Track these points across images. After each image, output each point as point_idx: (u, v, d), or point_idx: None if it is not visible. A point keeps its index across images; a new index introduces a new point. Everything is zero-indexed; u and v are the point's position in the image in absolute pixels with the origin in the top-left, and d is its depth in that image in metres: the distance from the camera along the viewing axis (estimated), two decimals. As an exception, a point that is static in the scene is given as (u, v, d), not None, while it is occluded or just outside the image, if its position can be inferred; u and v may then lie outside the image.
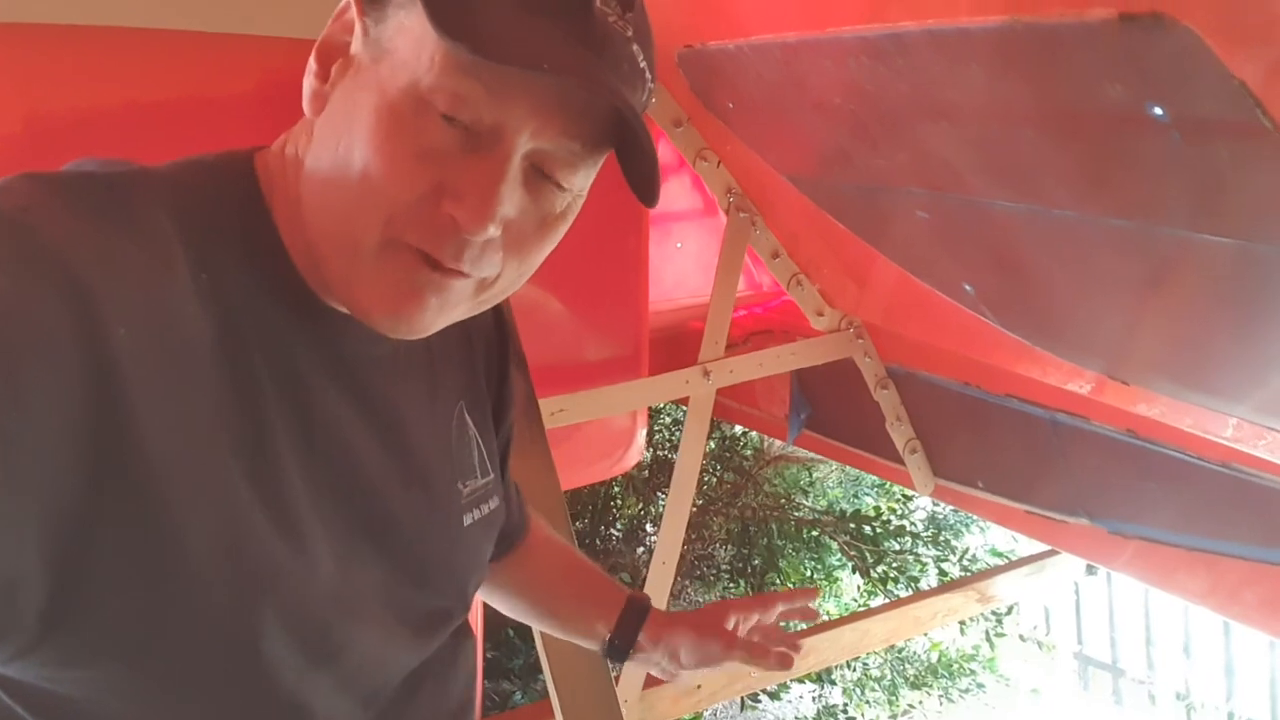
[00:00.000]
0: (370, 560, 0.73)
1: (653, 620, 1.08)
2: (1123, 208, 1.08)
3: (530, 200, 0.65)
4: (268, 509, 0.63)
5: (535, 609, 1.12)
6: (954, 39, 1.04)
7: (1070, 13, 0.85)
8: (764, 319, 2.57)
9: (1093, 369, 1.54)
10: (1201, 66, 0.78)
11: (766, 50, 1.44)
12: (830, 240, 2.06)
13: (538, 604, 1.12)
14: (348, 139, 0.62)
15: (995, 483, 2.24)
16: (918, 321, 2.05)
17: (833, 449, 2.70)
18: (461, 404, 0.85)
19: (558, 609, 1.13)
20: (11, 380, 0.50)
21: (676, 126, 1.93)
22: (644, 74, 0.66)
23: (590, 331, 2.01)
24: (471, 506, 0.84)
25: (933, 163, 1.34)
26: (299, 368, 0.68)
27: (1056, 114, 1.02)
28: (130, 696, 0.60)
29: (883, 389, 2.31)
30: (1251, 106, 0.78)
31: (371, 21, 0.63)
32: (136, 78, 1.46)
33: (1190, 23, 0.75)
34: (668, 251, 2.29)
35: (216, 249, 0.64)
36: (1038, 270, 1.39)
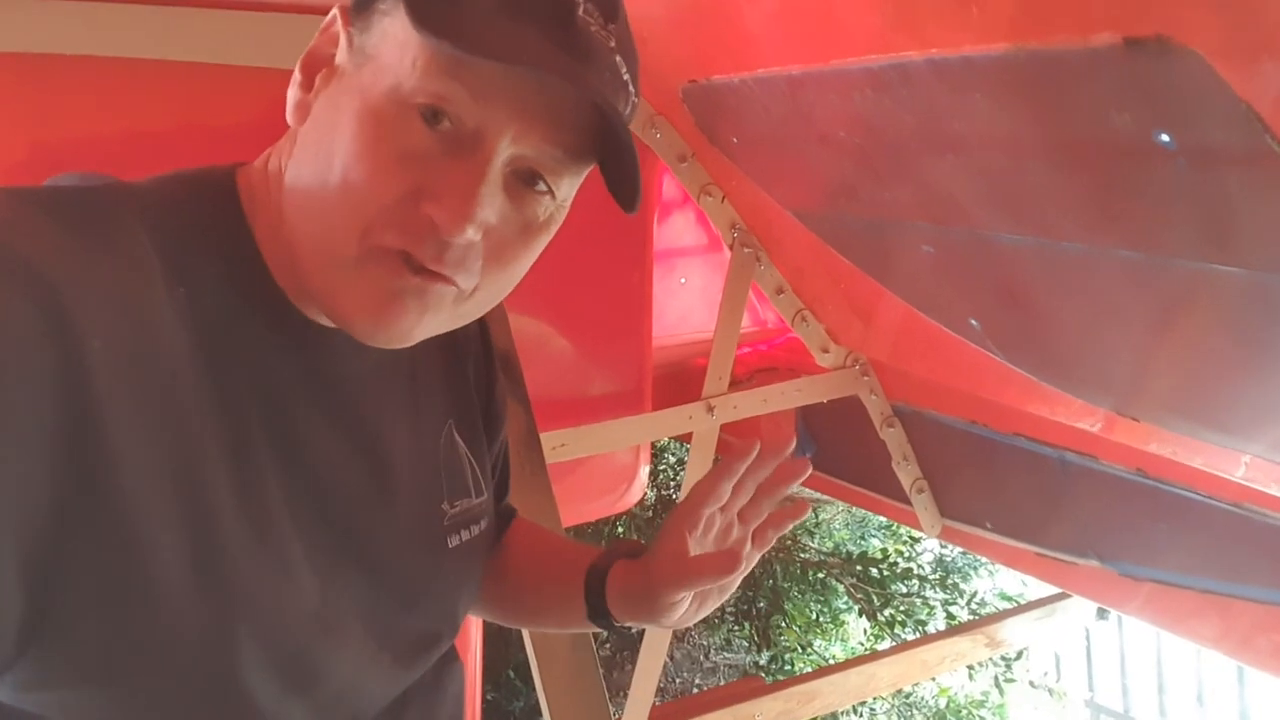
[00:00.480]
0: (353, 581, 0.72)
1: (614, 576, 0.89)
2: (1131, 239, 1.06)
3: (512, 207, 0.64)
4: (247, 528, 0.62)
5: (521, 607, 1.02)
6: (957, 68, 1.03)
7: (1074, 39, 0.84)
8: (769, 356, 2.56)
9: (1102, 406, 1.52)
10: (1208, 91, 0.77)
11: (771, 83, 1.44)
12: (835, 276, 2.04)
13: (522, 602, 1.01)
14: (329, 143, 0.62)
15: (1003, 523, 2.21)
16: (924, 358, 2.03)
17: (838, 488, 2.67)
18: (450, 422, 0.84)
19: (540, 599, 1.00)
20: None
21: (681, 162, 1.93)
22: (627, 86, 0.67)
23: (593, 366, 2.00)
24: (459, 527, 0.83)
25: (938, 195, 1.33)
26: (279, 384, 0.67)
27: (1062, 143, 1.01)
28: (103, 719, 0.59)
29: (889, 427, 2.28)
30: (1260, 132, 0.76)
31: (356, 31, 0.64)
32: (140, 108, 1.46)
33: (1196, 46, 0.74)
34: (671, 287, 2.29)
35: (194, 263, 0.63)
36: (1045, 304, 1.37)
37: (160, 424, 0.57)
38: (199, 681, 0.60)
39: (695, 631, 4.34)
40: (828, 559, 4.39)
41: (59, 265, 0.55)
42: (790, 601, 4.35)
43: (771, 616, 4.28)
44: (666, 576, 0.81)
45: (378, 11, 0.63)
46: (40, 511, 0.52)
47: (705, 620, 4.40)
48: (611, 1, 0.65)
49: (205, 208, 0.67)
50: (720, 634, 4.31)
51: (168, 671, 0.59)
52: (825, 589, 4.49)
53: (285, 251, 0.67)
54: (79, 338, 0.54)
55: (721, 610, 4.36)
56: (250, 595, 0.62)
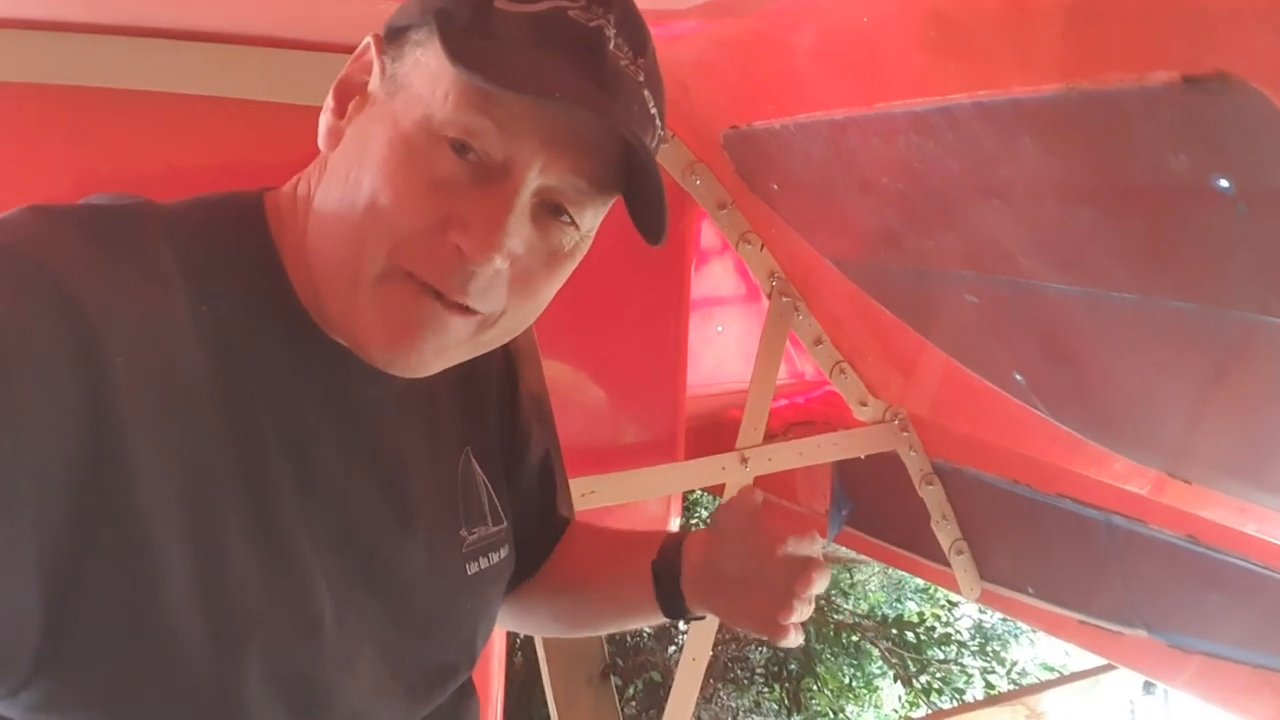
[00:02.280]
0: (369, 607, 0.71)
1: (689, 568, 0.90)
2: (1185, 289, 1.02)
3: (538, 237, 0.66)
4: (260, 549, 0.62)
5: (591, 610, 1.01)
6: (1005, 110, 1.01)
7: (1130, 77, 0.81)
8: (806, 409, 2.51)
9: (1152, 466, 1.46)
10: (1271, 132, 0.73)
11: (813, 128, 1.42)
12: (875, 328, 2.01)
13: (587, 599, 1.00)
14: (359, 169, 0.63)
15: (1046, 589, 2.13)
16: (966, 414, 1.99)
17: (875, 548, 2.60)
18: (468, 449, 0.84)
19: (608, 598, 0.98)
20: (11, 407, 0.50)
21: (720, 209, 1.91)
22: (654, 119, 0.68)
23: (625, 413, 1.97)
24: (477, 555, 0.82)
25: (983, 243, 1.30)
26: (299, 405, 0.67)
27: (1114, 188, 0.97)
28: None
29: (928, 485, 2.22)
30: (1328, 174, 0.73)
31: (389, 59, 0.66)
32: (185, 142, 1.48)
33: (1260, 84, 0.71)
34: (708, 335, 2.26)
35: (218, 283, 0.65)
36: (1093, 358, 1.32)
37: (177, 444, 0.58)
38: (204, 705, 0.60)
39: (724, 693, 4.24)
40: (862, 621, 4.29)
41: (87, 282, 0.56)
42: (823, 664, 4.24)
43: (803, 679, 4.18)
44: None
45: (411, 41, 0.64)
46: (60, 531, 0.52)
47: (734, 681, 4.30)
48: (641, 36, 0.67)
49: (232, 229, 0.69)
50: (750, 695, 4.21)
51: (174, 695, 0.58)
52: (859, 652, 4.38)
53: (309, 274, 0.67)
54: (103, 356, 0.54)
55: (751, 670, 4.26)
56: (259, 619, 0.62)
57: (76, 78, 1.36)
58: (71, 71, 1.36)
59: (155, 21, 1.36)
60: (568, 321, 1.85)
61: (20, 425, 0.50)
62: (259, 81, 1.46)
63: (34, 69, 1.33)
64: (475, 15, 0.62)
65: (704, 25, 1.23)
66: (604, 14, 0.64)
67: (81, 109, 1.39)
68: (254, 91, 1.47)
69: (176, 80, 1.43)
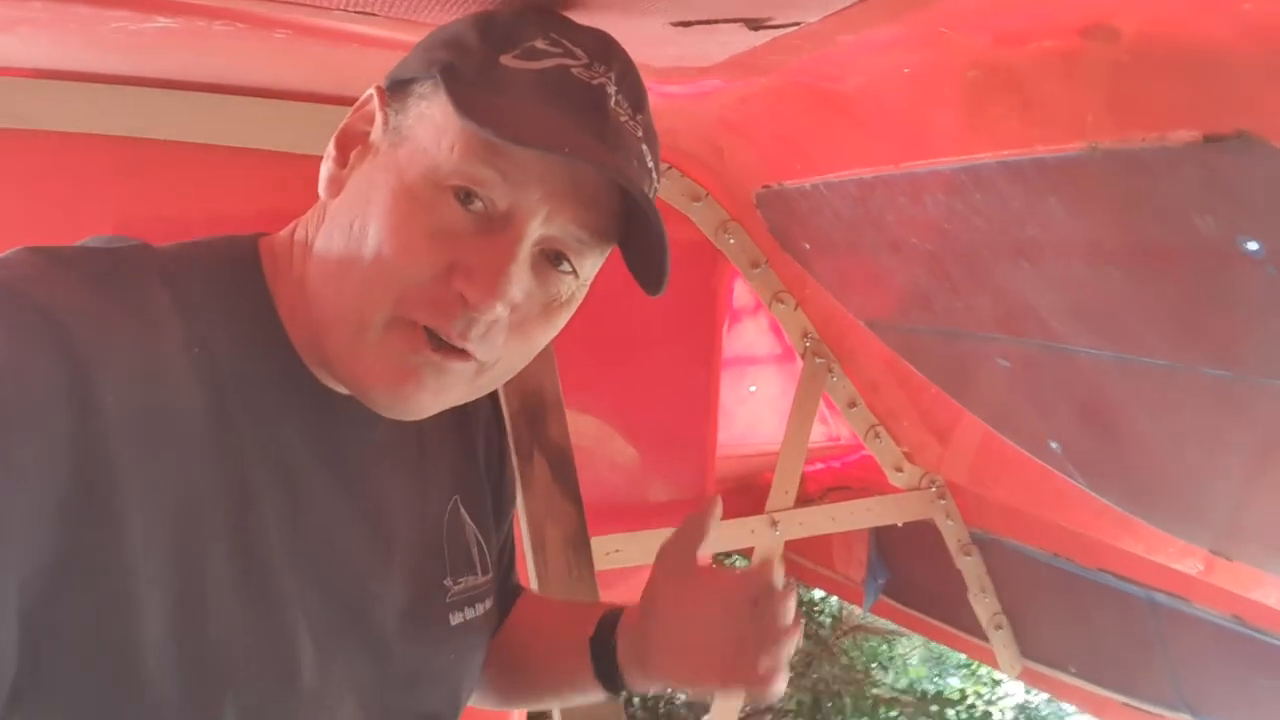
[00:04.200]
0: (352, 656, 0.70)
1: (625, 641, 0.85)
2: (1220, 356, 0.98)
3: (537, 285, 0.67)
4: (243, 594, 0.61)
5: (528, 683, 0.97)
6: (1030, 170, 0.99)
7: (1152, 136, 0.79)
8: (841, 474, 2.47)
9: (1195, 543, 1.40)
10: (1298, 192, 0.71)
11: (842, 188, 1.41)
12: (911, 391, 1.97)
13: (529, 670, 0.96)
14: (362, 219, 0.64)
15: (1089, 668, 2.04)
16: (1005, 483, 1.93)
17: (912, 619, 2.52)
18: (457, 498, 0.83)
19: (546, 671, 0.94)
20: (2, 448, 0.50)
21: (754, 268, 1.90)
22: (651, 173, 0.70)
23: (654, 470, 1.95)
24: (462, 605, 0.81)
25: (1014, 305, 1.27)
26: (288, 447, 0.67)
27: (1142, 249, 0.95)
28: None
29: (966, 555, 2.16)
30: (1358, 237, 0.70)
31: (393, 111, 0.67)
32: (224, 192, 1.51)
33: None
34: (741, 394, 2.24)
35: (212, 325, 0.65)
36: (1130, 426, 1.28)
37: (166, 486, 0.58)
38: None
39: (757, 764, 4.12)
40: (900, 695, 4.15)
41: (81, 323, 0.56)
42: (859, 739, 4.12)
43: (838, 755, 4.05)
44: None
45: (415, 94, 0.66)
46: (44, 569, 0.52)
47: (769, 752, 4.18)
48: (638, 93, 0.70)
49: (227, 273, 0.69)
50: (783, 768, 4.09)
51: None
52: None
53: (305, 318, 0.68)
54: (96, 397, 0.54)
55: (785, 742, 4.14)
56: (238, 668, 0.61)
57: (121, 128, 1.40)
58: (116, 122, 1.40)
59: (198, 76, 1.39)
60: (598, 376, 1.85)
61: (10, 467, 0.50)
62: (299, 134, 1.49)
63: (80, 119, 1.38)
64: (481, 70, 0.64)
65: (729, 83, 1.23)
66: (605, 72, 0.67)
67: (125, 158, 1.43)
68: (294, 144, 1.50)
69: (218, 132, 1.46)
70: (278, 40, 1.01)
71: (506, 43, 0.65)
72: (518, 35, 0.66)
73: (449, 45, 0.66)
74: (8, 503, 0.50)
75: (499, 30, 0.66)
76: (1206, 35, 0.70)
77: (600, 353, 1.80)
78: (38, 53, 1.23)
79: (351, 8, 0.84)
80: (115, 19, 0.92)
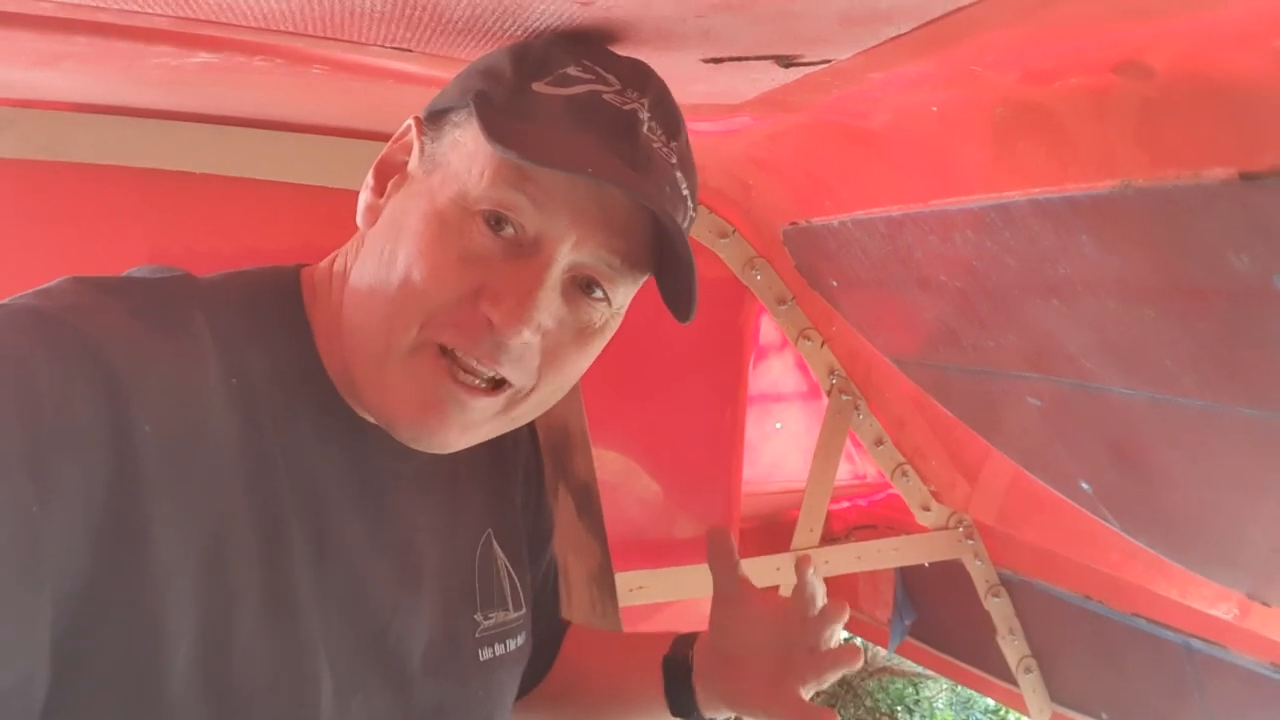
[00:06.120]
0: (376, 691, 0.70)
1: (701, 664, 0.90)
2: (1256, 396, 0.97)
3: (569, 312, 0.66)
4: (270, 626, 0.61)
5: (586, 711, 0.99)
6: (1061, 208, 0.98)
7: (1186, 174, 0.78)
8: (868, 513, 2.44)
9: (1233, 587, 1.37)
10: (1337, 230, 0.70)
11: (870, 225, 1.41)
12: (939, 430, 1.95)
13: (589, 704, 0.99)
14: (393, 244, 0.65)
15: (1122, 715, 2.00)
16: (1035, 524, 1.91)
17: (938, 661, 2.48)
18: (490, 532, 0.83)
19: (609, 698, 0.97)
20: (42, 472, 0.51)
21: (780, 304, 1.90)
22: (685, 200, 0.69)
23: (679, 506, 1.94)
24: (493, 640, 0.80)
25: (1045, 344, 1.25)
26: (320, 478, 0.67)
27: (1176, 288, 0.93)
28: None
29: (994, 597, 2.13)
30: (1399, 275, 0.69)
31: (429, 140, 0.68)
32: (257, 225, 1.53)
33: (1321, 180, 0.68)
34: (767, 431, 2.22)
35: (250, 355, 0.65)
36: (1163, 467, 1.26)
37: (199, 514, 0.58)
38: None
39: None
40: (927, 740, 4.07)
41: (119, 350, 0.57)
42: (885, 785, 4.04)
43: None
44: None
45: (450, 122, 0.67)
46: (77, 593, 0.52)
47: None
48: (674, 120, 0.69)
49: (267, 303, 0.70)
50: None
51: None
52: (924, 774, 4.15)
53: (339, 348, 0.69)
54: (133, 424, 0.55)
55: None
56: (258, 697, 0.60)
57: (157, 161, 1.43)
58: (152, 155, 1.42)
59: (235, 110, 1.42)
60: (622, 411, 1.84)
61: (50, 491, 0.51)
62: (332, 169, 1.51)
63: (118, 152, 1.40)
64: (513, 97, 0.64)
65: (758, 120, 1.24)
66: (638, 98, 0.66)
67: (160, 191, 1.45)
68: (327, 179, 1.52)
69: (253, 166, 1.48)
70: (315, 75, 1.03)
71: (540, 70, 0.65)
72: (551, 63, 0.66)
73: (484, 74, 0.67)
74: (46, 525, 0.50)
75: (533, 58, 0.67)
76: (1240, 71, 0.69)
77: (626, 388, 1.80)
78: (78, 87, 1.25)
79: (388, 43, 0.85)
80: (157, 54, 0.94)
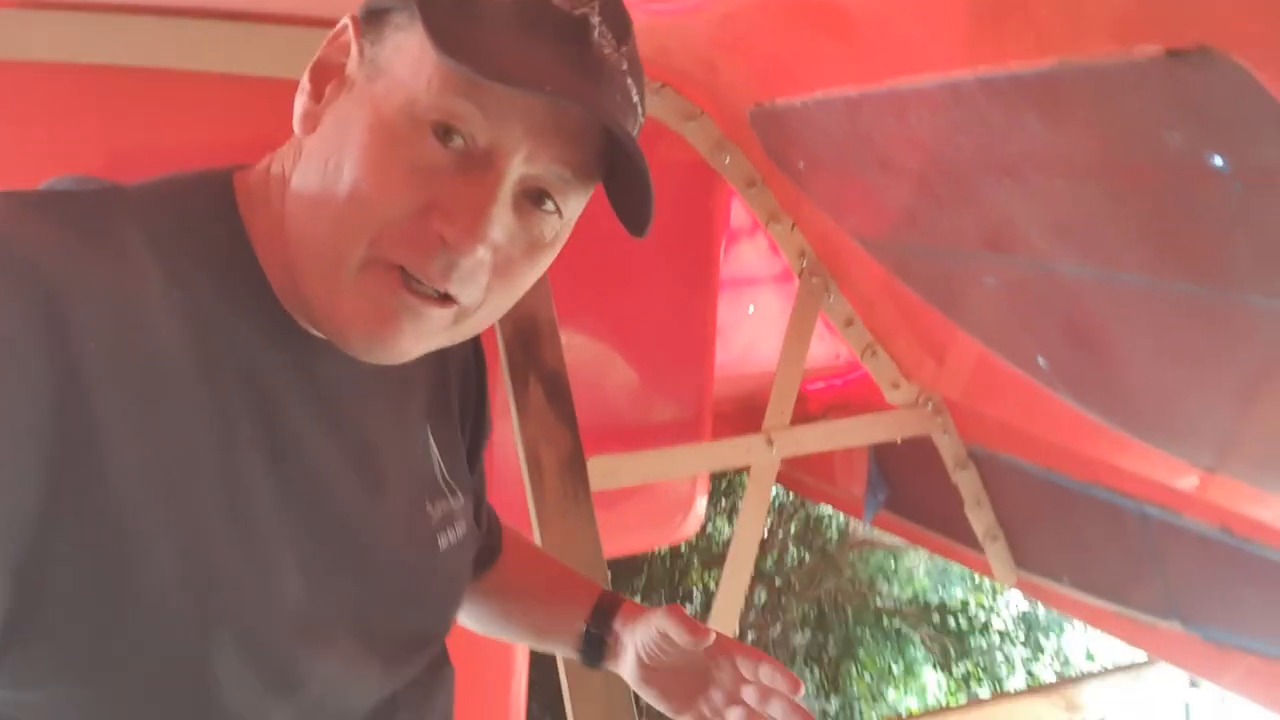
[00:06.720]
0: (345, 586, 0.72)
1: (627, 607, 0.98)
2: (1192, 272, 0.98)
3: (520, 226, 0.65)
4: (234, 530, 0.62)
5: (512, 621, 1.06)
6: (1007, 86, 0.98)
7: (1117, 51, 0.78)
8: (843, 392, 2.49)
9: (1181, 457, 1.42)
10: (1258, 108, 0.70)
11: (831, 105, 1.40)
12: (907, 310, 1.97)
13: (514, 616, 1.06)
14: (338, 155, 0.62)
15: (1082, 578, 2.08)
16: (1000, 400, 1.94)
17: (911, 532, 2.57)
18: (429, 424, 0.84)
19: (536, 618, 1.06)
20: None
21: (750, 187, 1.89)
22: (636, 107, 0.68)
23: (650, 391, 1.97)
24: (445, 528, 0.83)
25: (999, 222, 1.27)
26: (271, 387, 0.67)
27: (1116, 167, 0.94)
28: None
29: (962, 470, 2.18)
30: (1316, 152, 0.69)
31: (368, 42, 0.64)
32: (214, 120, 1.50)
33: (1241, 58, 0.68)
34: (740, 315, 2.24)
35: (189, 267, 0.64)
36: (1111, 342, 1.29)
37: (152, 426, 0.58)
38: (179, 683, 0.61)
39: (765, 673, 4.22)
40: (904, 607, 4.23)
41: (56, 267, 0.56)
42: (863, 648, 4.20)
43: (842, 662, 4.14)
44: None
45: (391, 24, 0.63)
46: (32, 514, 0.53)
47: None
48: (623, 24, 0.66)
49: (201, 211, 0.68)
50: (790, 677, 4.18)
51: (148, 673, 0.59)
52: (900, 638, 4.32)
53: (283, 258, 0.67)
54: (75, 339, 0.55)
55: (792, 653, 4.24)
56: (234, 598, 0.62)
57: (108, 57, 1.39)
58: (103, 51, 1.38)
59: (186, 1, 1.38)
60: (592, 295, 1.85)
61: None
62: (292, 59, 1.47)
63: (67, 49, 1.36)
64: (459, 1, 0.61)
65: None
66: (588, 2, 0.64)
67: (113, 88, 1.42)
68: (288, 70, 1.49)
69: (206, 59, 1.45)
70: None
71: None
72: None
73: None
74: None
75: None
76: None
77: (597, 274, 1.81)
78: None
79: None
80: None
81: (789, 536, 4.39)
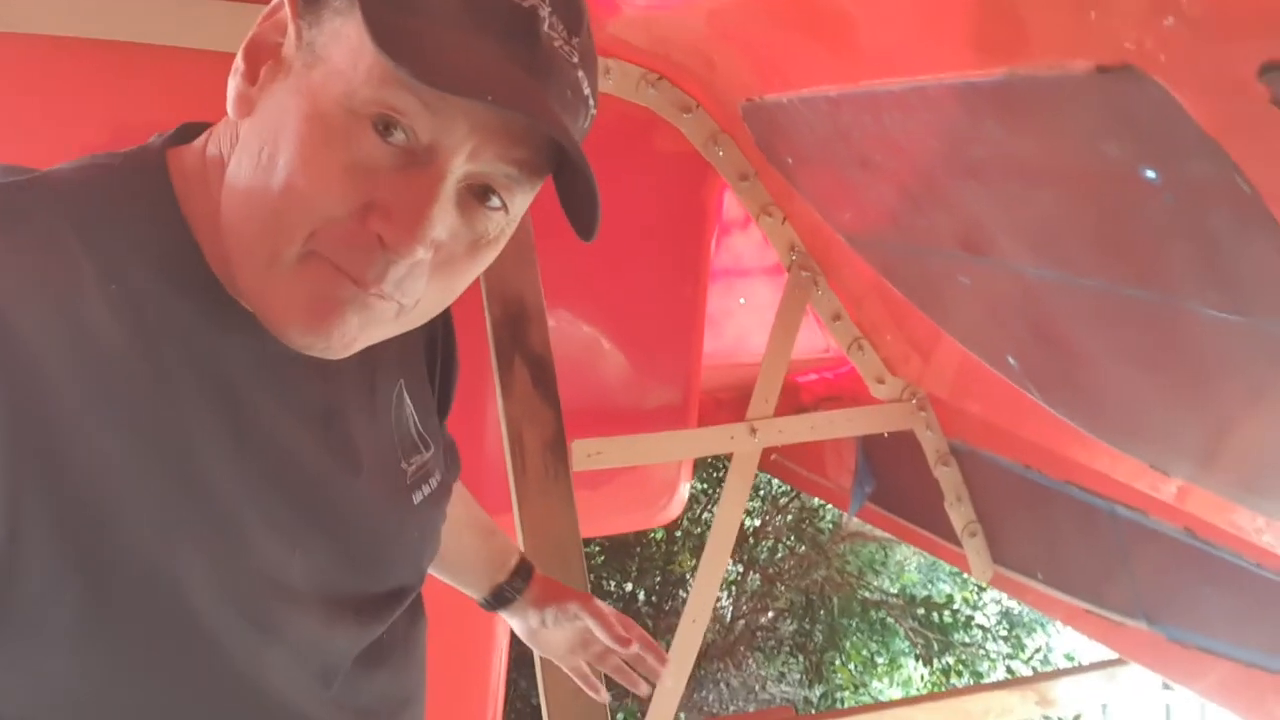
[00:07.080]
0: (318, 548, 0.72)
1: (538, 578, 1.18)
2: (1140, 277, 1.02)
3: (463, 223, 0.63)
4: (195, 507, 0.63)
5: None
6: (967, 93, 1.02)
7: (1055, 64, 0.82)
8: (835, 385, 2.52)
9: (1141, 459, 1.45)
10: (1178, 125, 0.74)
11: (814, 104, 1.44)
12: (893, 306, 2.01)
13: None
14: (273, 146, 0.60)
15: (1055, 575, 2.12)
16: (982, 398, 1.98)
17: (895, 525, 2.60)
18: (401, 382, 0.84)
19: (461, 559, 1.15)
20: None
21: (742, 180, 1.93)
22: (587, 101, 0.66)
23: (638, 376, 2.01)
24: (420, 483, 0.84)
25: (969, 224, 1.30)
26: (223, 372, 0.66)
27: (1065, 172, 0.98)
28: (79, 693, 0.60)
29: (943, 465, 2.22)
30: (1230, 170, 0.73)
31: (305, 24, 0.61)
32: (220, 98, 1.55)
33: (1160, 76, 0.72)
34: (730, 306, 2.28)
35: (125, 256, 0.62)
36: (1076, 344, 1.32)
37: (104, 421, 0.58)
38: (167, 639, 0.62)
39: (753, 661, 4.28)
40: (889, 599, 4.27)
41: None
42: (848, 638, 4.25)
43: (826, 651, 4.19)
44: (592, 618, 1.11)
45: (330, 8, 0.60)
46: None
47: (763, 649, 4.34)
48: (576, 14, 0.64)
49: (134, 196, 0.65)
50: (776, 664, 4.24)
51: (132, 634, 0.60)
52: (885, 630, 4.37)
53: (222, 247, 0.65)
54: (14, 350, 0.54)
55: (778, 641, 4.29)
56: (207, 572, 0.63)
57: (117, 33, 1.43)
58: (112, 26, 1.42)
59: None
60: (584, 279, 1.89)
61: None
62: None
63: (74, 23, 1.39)
64: None
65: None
66: None
67: (119, 63, 1.46)
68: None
69: (213, 37, 1.49)
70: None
71: None
72: None
73: None
74: None
75: None
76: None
77: (588, 260, 1.84)
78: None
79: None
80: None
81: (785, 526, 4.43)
